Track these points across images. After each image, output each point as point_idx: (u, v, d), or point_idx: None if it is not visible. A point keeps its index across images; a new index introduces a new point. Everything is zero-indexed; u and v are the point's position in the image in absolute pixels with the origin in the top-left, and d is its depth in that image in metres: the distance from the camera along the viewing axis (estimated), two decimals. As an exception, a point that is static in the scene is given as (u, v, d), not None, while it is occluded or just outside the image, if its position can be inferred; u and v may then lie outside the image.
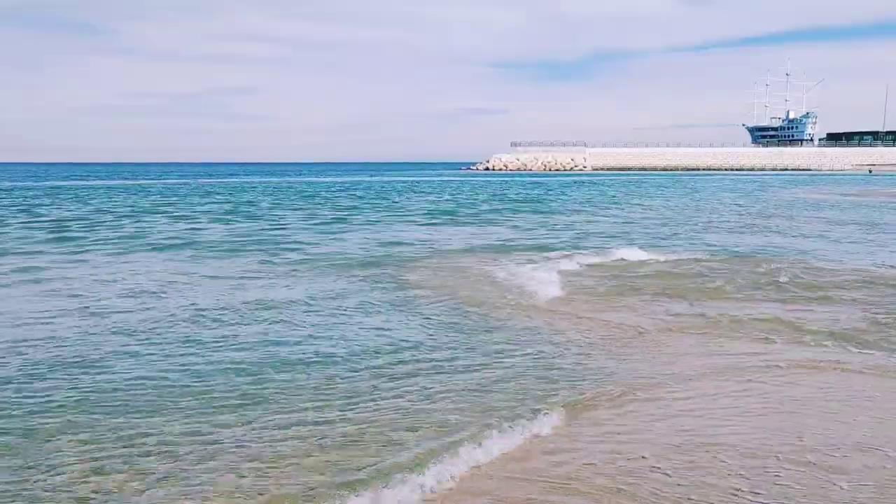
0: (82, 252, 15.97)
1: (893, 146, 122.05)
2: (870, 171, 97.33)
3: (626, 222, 24.21)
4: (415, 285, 11.59)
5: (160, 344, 7.78)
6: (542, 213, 28.84)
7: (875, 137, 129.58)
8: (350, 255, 15.31)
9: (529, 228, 22.23)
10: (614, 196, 41.46)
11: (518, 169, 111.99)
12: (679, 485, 4.49)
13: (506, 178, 77.65)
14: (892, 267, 13.58)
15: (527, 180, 70.78)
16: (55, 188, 54.02)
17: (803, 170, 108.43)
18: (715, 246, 17.01)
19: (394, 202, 36.35)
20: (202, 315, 9.24)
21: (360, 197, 41.57)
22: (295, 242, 17.92)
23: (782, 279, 11.92)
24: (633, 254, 15.13)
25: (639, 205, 33.44)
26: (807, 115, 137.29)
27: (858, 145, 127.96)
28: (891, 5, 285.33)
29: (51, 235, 19.45)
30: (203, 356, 7.31)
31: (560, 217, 26.59)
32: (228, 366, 6.97)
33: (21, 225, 22.76)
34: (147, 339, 8.01)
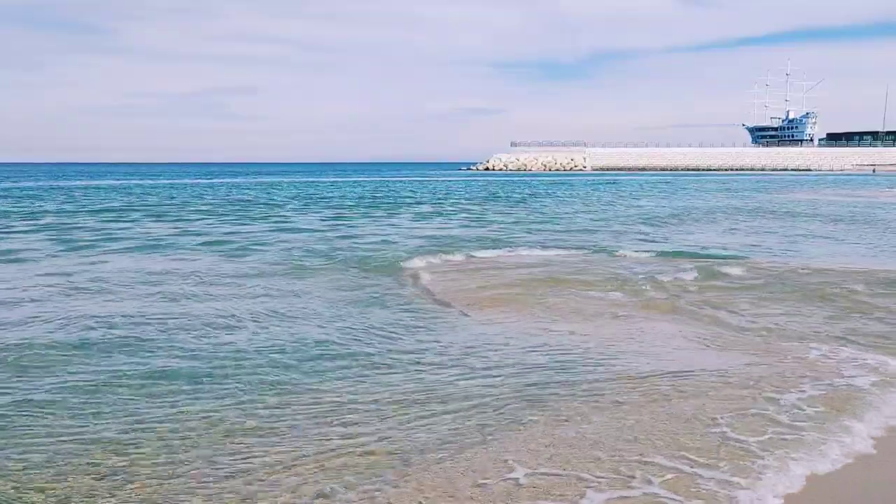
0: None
1: (893, 146, 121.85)
2: (873, 171, 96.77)
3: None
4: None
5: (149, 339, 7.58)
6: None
7: (875, 137, 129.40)
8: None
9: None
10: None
11: (518, 169, 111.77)
12: None
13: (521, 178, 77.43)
14: None
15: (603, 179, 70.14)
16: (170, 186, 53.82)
17: (803, 170, 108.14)
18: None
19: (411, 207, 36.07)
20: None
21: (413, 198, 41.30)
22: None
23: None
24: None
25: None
26: (807, 115, 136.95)
27: (858, 145, 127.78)
28: (891, 5, 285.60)
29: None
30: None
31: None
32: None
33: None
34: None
